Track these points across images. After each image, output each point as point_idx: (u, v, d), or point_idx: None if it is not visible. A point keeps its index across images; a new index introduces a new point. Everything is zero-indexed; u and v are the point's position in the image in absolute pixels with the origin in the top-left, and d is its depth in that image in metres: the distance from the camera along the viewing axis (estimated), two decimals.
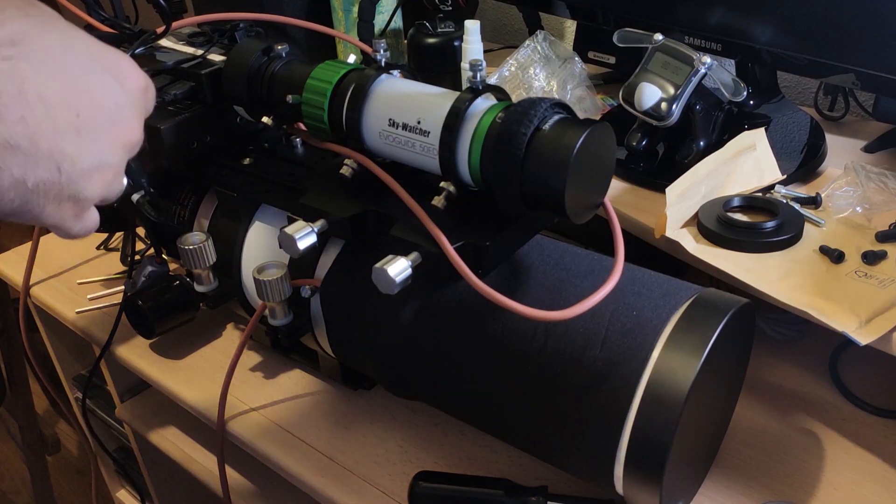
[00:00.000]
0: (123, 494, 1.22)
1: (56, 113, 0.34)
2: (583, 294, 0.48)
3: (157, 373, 0.76)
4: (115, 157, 0.39)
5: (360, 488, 0.62)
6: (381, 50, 0.57)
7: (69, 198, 0.37)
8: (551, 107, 0.49)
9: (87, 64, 0.37)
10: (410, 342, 0.58)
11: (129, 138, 0.39)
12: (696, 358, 0.47)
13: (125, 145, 0.39)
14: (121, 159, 0.39)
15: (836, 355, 0.71)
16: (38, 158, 0.34)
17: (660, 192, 0.69)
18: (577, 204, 0.49)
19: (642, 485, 0.49)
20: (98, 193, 0.38)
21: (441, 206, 0.53)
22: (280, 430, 0.68)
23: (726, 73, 0.72)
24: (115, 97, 0.38)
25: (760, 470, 0.61)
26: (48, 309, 0.90)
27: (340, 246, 0.62)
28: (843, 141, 0.85)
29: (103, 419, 1.12)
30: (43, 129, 0.34)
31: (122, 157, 0.39)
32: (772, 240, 0.65)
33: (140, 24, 0.72)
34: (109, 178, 0.39)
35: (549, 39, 0.93)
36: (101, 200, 0.39)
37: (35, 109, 0.34)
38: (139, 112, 0.40)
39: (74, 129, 0.35)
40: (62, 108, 0.35)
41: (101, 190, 0.38)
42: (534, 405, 0.52)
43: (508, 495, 0.58)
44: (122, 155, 0.39)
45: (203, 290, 0.69)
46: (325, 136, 0.58)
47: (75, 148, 0.36)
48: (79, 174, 0.36)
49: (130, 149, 0.40)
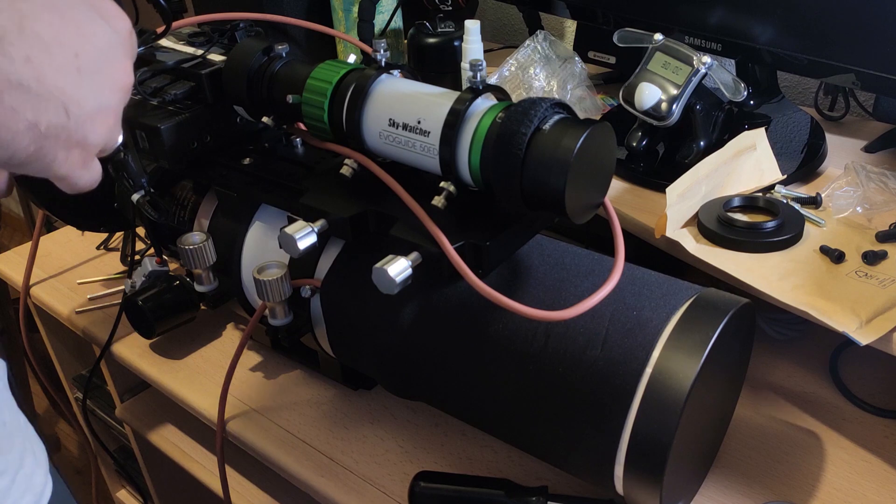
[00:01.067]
0: (123, 494, 1.22)
1: (56, 52, 0.34)
2: (583, 294, 0.48)
3: (157, 373, 0.76)
4: (114, 99, 0.39)
5: (360, 488, 0.62)
6: (381, 50, 0.57)
7: (77, 143, 0.37)
8: (551, 107, 0.49)
9: (76, 3, 0.37)
10: (411, 342, 0.58)
11: (123, 81, 0.40)
12: (697, 358, 0.47)
13: (122, 87, 0.39)
14: (119, 102, 0.40)
15: (836, 355, 0.71)
16: (47, 100, 0.34)
17: (660, 192, 0.69)
18: (578, 204, 0.49)
19: (642, 485, 0.49)
20: (102, 138, 0.39)
21: (441, 206, 0.53)
22: (280, 430, 0.68)
23: (726, 73, 0.72)
24: (106, 37, 0.38)
25: (760, 470, 0.61)
26: (48, 309, 0.90)
27: (340, 246, 0.62)
28: (844, 141, 0.85)
29: (103, 419, 1.12)
30: (47, 68, 0.34)
31: (120, 99, 0.40)
32: (772, 240, 0.65)
33: (140, 24, 0.72)
34: (111, 122, 0.39)
35: (550, 39, 0.93)
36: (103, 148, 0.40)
37: (37, 48, 0.33)
38: (129, 53, 0.40)
39: (75, 70, 0.35)
40: (61, 47, 0.35)
41: (105, 135, 0.39)
42: (534, 405, 0.52)
43: (508, 495, 0.58)
44: (120, 97, 0.39)
45: (203, 290, 0.69)
46: (325, 136, 0.58)
47: (78, 89, 0.36)
48: (84, 117, 0.37)
49: (126, 91, 0.40)
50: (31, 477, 0.44)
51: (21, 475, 0.43)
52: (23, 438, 0.45)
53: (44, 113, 0.35)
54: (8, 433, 0.44)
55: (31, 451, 0.45)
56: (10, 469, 0.43)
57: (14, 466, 0.43)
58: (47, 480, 0.46)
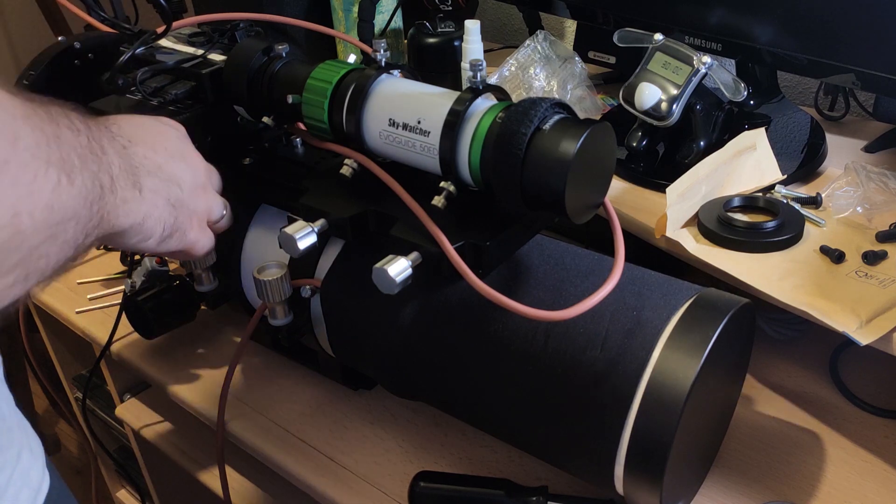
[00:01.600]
0: (123, 494, 1.22)
1: (156, 148, 0.47)
2: (583, 294, 0.48)
3: (157, 373, 0.76)
4: (201, 175, 0.52)
5: (360, 488, 0.62)
6: (382, 50, 0.57)
7: (193, 212, 0.50)
8: (551, 107, 0.49)
9: (146, 119, 0.51)
10: (410, 342, 0.58)
11: (200, 162, 0.53)
12: (697, 358, 0.47)
13: (202, 167, 0.53)
14: (206, 177, 0.53)
15: (836, 355, 0.71)
16: (169, 180, 0.47)
17: (660, 192, 0.69)
18: (578, 204, 0.49)
19: (643, 485, 0.49)
20: (206, 204, 0.52)
21: (441, 205, 0.53)
22: (280, 430, 0.68)
23: (726, 73, 0.72)
24: (174, 133, 0.52)
25: (760, 470, 0.61)
26: (48, 309, 0.89)
27: (340, 246, 0.62)
28: (844, 141, 0.85)
29: (103, 419, 1.12)
30: (159, 159, 0.47)
31: (205, 175, 0.53)
32: (772, 240, 0.65)
33: (140, 24, 0.72)
34: (209, 193, 0.53)
35: (550, 39, 0.93)
36: (209, 215, 0.53)
37: (145, 146, 0.46)
38: (191, 143, 0.54)
39: (170, 157, 0.49)
40: (156, 145, 0.48)
41: (208, 201, 0.53)
42: (534, 405, 0.52)
43: (508, 495, 0.58)
44: (204, 173, 0.53)
45: (203, 290, 0.69)
46: (325, 136, 0.58)
47: (180, 170, 0.49)
48: (190, 189, 0.49)
49: (205, 170, 0.53)
50: (28, 472, 0.45)
51: (18, 470, 0.44)
52: (20, 434, 0.45)
53: (170, 190, 0.47)
54: (7, 428, 0.44)
55: (28, 447, 0.46)
56: (8, 465, 0.44)
57: (11, 462, 0.44)
58: (44, 475, 0.46)
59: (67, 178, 0.35)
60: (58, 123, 0.35)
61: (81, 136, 0.37)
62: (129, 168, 0.42)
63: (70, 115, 0.37)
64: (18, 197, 0.32)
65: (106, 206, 0.39)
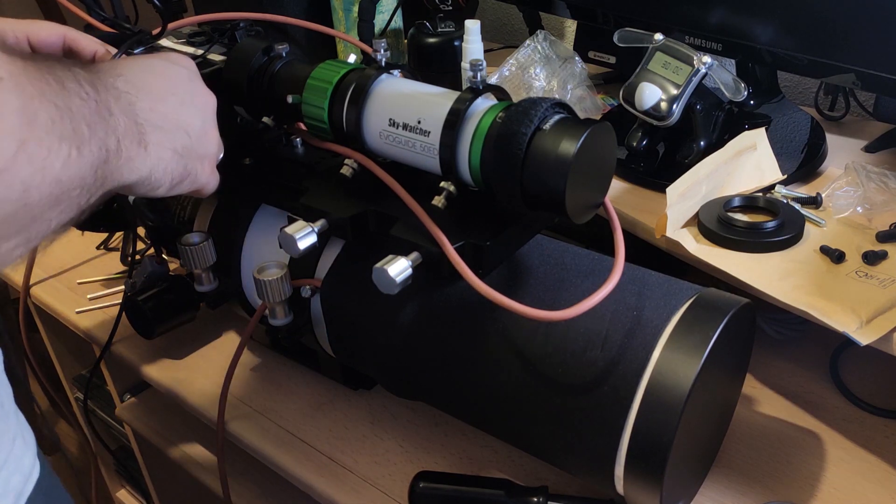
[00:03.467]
0: (123, 494, 1.22)
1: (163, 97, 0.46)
2: (583, 294, 0.48)
3: (157, 373, 0.76)
4: (208, 116, 0.51)
5: (360, 488, 0.62)
6: (382, 50, 0.57)
7: (201, 156, 0.50)
8: (552, 107, 0.49)
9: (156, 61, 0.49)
10: (411, 342, 0.58)
11: (207, 100, 0.51)
12: (697, 358, 0.47)
13: (208, 106, 0.52)
14: (211, 117, 0.52)
15: (836, 355, 0.71)
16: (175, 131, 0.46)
17: (660, 192, 0.69)
18: (578, 204, 0.49)
19: (643, 485, 0.49)
20: (214, 146, 0.51)
21: (441, 205, 0.53)
22: (280, 430, 0.68)
23: (727, 72, 0.72)
24: (184, 73, 0.50)
25: (760, 470, 0.61)
26: (48, 309, 0.89)
27: (340, 246, 0.62)
28: (844, 141, 0.85)
29: (103, 419, 1.12)
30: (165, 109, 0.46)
31: (211, 115, 0.52)
32: (772, 240, 0.65)
33: (140, 24, 0.72)
34: (214, 133, 0.52)
35: (550, 39, 0.93)
36: (217, 155, 0.52)
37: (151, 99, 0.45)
38: (200, 80, 0.52)
39: (180, 103, 0.48)
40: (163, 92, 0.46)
41: (215, 143, 0.52)
42: (534, 405, 0.52)
43: (508, 495, 0.58)
44: (210, 113, 0.51)
45: (203, 290, 0.69)
46: (325, 136, 0.58)
47: (188, 116, 0.48)
48: (198, 134, 0.49)
49: (212, 108, 0.52)
50: (21, 459, 0.46)
51: (12, 457, 0.46)
52: (16, 423, 0.47)
53: (177, 140, 0.46)
54: (5, 414, 0.46)
55: (22, 436, 0.47)
56: (4, 449, 0.45)
57: (7, 447, 0.45)
58: (35, 464, 0.48)
59: (77, 151, 0.35)
60: (68, 92, 0.36)
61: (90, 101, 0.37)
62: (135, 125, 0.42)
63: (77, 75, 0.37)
64: (31, 174, 0.33)
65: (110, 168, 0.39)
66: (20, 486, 0.46)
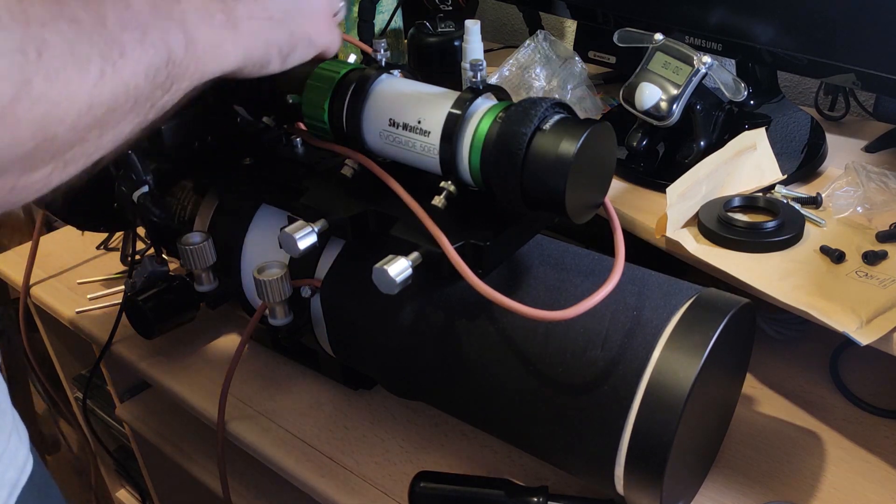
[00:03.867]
0: (123, 494, 1.22)
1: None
2: (583, 294, 0.48)
3: (157, 373, 0.76)
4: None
5: (360, 488, 0.62)
6: (382, 50, 0.57)
7: (312, 13, 0.47)
8: (552, 106, 0.49)
9: None
10: (411, 342, 0.58)
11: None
12: (697, 358, 0.47)
13: None
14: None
15: (836, 355, 0.71)
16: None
17: (660, 192, 0.69)
18: (578, 204, 0.49)
19: (643, 485, 0.49)
20: (323, 2, 0.49)
21: (441, 205, 0.53)
22: (280, 430, 0.68)
23: (727, 72, 0.72)
24: None
25: (760, 470, 0.61)
26: (48, 309, 0.89)
27: (340, 246, 0.62)
28: (844, 141, 0.85)
29: (103, 419, 1.12)
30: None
31: None
32: (772, 240, 0.65)
33: None
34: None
35: (550, 39, 0.93)
36: (329, 8, 0.50)
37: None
38: None
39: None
40: None
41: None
42: (534, 405, 0.52)
43: (508, 495, 0.58)
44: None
45: (203, 290, 0.69)
46: (325, 136, 0.58)
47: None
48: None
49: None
50: (15, 453, 0.47)
51: (8, 452, 0.46)
52: (11, 419, 0.47)
53: (271, 5, 0.43)
54: (1, 411, 0.46)
55: (16, 430, 0.48)
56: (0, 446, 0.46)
57: (2, 444, 0.46)
58: (28, 458, 0.48)
59: (112, 67, 0.31)
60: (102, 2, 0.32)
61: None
62: (214, 3, 0.37)
63: None
64: (46, 111, 0.29)
65: (184, 65, 0.35)
66: (15, 478, 0.47)
